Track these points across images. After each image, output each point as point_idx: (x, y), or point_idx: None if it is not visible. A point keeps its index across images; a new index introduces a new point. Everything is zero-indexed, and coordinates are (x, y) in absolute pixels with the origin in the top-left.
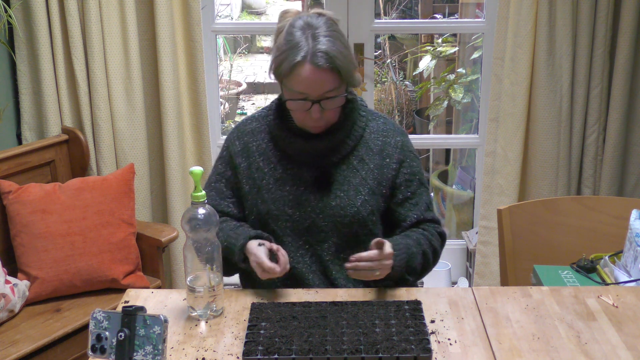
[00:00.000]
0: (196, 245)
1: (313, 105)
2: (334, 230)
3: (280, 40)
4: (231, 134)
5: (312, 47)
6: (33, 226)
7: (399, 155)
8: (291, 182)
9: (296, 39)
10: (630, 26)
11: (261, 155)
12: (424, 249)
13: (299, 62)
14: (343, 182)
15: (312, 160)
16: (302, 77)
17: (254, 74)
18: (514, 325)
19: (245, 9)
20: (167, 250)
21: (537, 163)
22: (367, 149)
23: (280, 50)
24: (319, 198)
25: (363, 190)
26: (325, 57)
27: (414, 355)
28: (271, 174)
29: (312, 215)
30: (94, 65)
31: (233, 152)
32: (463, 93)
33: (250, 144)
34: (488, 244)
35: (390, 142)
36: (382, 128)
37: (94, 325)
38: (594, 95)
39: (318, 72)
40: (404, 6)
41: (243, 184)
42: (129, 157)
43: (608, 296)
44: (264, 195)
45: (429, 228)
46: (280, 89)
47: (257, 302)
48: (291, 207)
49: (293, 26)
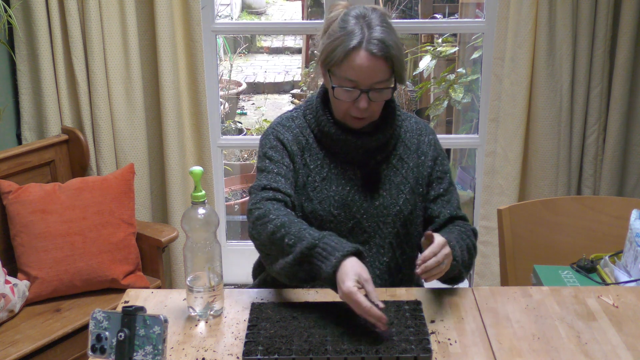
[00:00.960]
0: (196, 245)
1: (361, 95)
2: (376, 231)
3: (333, 28)
4: (275, 127)
5: (367, 34)
6: (33, 226)
7: (433, 152)
8: (336, 181)
9: (350, 26)
10: (630, 26)
11: (308, 151)
12: (467, 244)
13: (354, 48)
14: (385, 182)
15: (357, 159)
16: (356, 63)
17: (254, 74)
18: (514, 325)
19: (245, 9)
20: (167, 250)
21: (537, 163)
22: (404, 147)
23: (333, 37)
24: (363, 198)
25: (404, 189)
26: (381, 45)
27: (414, 355)
28: (317, 171)
29: (356, 215)
30: (94, 65)
31: (286, 140)
32: (463, 93)
33: (299, 137)
34: (488, 244)
35: (424, 140)
36: (415, 127)
37: (94, 325)
38: (594, 95)
39: (372, 60)
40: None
41: (298, 174)
42: (129, 157)
43: (608, 296)
44: (310, 194)
45: (463, 225)
46: (329, 79)
47: (257, 302)
48: (337, 207)
49: (348, 15)
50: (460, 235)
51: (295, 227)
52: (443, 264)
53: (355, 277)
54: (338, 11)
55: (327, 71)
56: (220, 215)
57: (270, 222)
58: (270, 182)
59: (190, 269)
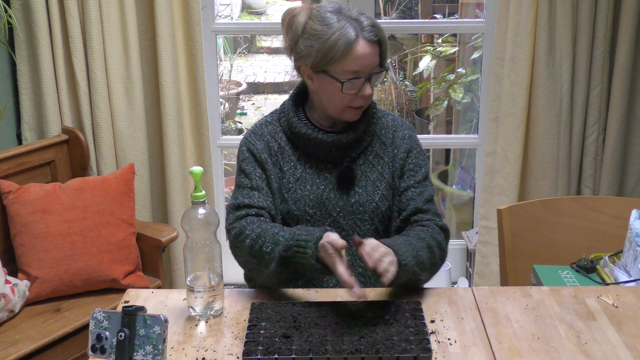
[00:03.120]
0: (196, 245)
1: (365, 83)
2: (354, 228)
3: (311, 28)
4: (248, 137)
5: (357, 24)
6: (33, 226)
7: (407, 145)
8: (311, 181)
9: (335, 21)
10: (630, 26)
11: (281, 154)
12: (428, 243)
13: (354, 40)
14: (361, 178)
15: (332, 157)
16: (359, 53)
17: (254, 74)
18: (514, 325)
19: (245, 9)
20: (167, 250)
21: (537, 163)
22: (380, 143)
23: (320, 37)
24: (339, 196)
25: (381, 185)
26: (375, 30)
27: (414, 355)
28: (291, 172)
29: (332, 214)
30: (94, 65)
31: (256, 150)
32: (463, 93)
33: (271, 143)
34: (488, 244)
35: (399, 134)
36: (391, 124)
37: (94, 325)
38: (594, 95)
39: (370, 46)
40: (404, 6)
41: (271, 180)
42: (129, 157)
43: (608, 296)
44: (284, 195)
45: (429, 222)
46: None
47: (257, 302)
48: (312, 206)
49: (322, 13)
50: (418, 235)
51: (269, 235)
52: (386, 259)
53: (330, 247)
54: (299, 17)
55: (320, 71)
56: (220, 215)
57: (247, 237)
58: (243, 199)
59: (190, 269)
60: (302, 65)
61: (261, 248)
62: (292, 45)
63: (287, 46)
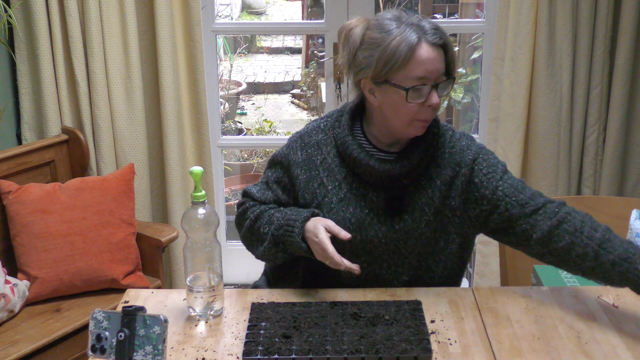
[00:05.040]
0: (196, 245)
1: (432, 91)
2: (395, 253)
3: (370, 37)
4: (294, 142)
5: (419, 28)
6: (33, 226)
7: (469, 155)
8: (355, 203)
9: (396, 29)
10: (630, 26)
11: (325, 170)
12: (604, 232)
13: (417, 43)
14: (409, 204)
15: (381, 183)
16: (423, 57)
17: (254, 74)
18: (514, 325)
19: (245, 9)
20: (167, 250)
21: (537, 163)
22: (435, 165)
23: (380, 44)
24: (382, 222)
25: (429, 210)
26: (439, 33)
27: (414, 355)
28: (335, 192)
29: (374, 240)
30: (94, 65)
31: (293, 161)
32: (463, 93)
33: (314, 156)
34: (488, 244)
35: (457, 150)
36: (447, 140)
37: (94, 325)
38: (594, 95)
39: (434, 51)
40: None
41: (300, 196)
42: (129, 157)
43: (608, 296)
44: (324, 214)
45: (573, 212)
46: (389, 87)
47: (257, 302)
48: (352, 230)
49: (381, 21)
50: (592, 235)
51: (266, 216)
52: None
53: (324, 229)
54: (356, 29)
55: (383, 82)
56: (220, 215)
57: (247, 218)
58: (256, 193)
59: (190, 269)
60: (363, 79)
61: (259, 228)
62: (350, 60)
63: (345, 62)
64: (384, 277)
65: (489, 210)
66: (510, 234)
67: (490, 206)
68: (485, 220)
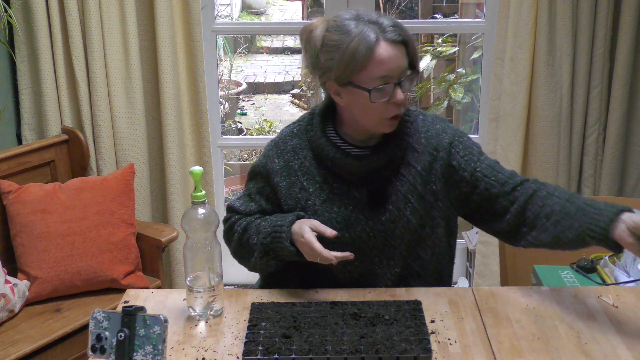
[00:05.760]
0: (196, 245)
1: (396, 87)
2: (384, 245)
3: (330, 39)
4: (270, 150)
5: (378, 27)
6: (33, 226)
7: (445, 139)
8: (339, 202)
9: (355, 29)
10: (630, 26)
11: (305, 174)
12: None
13: (375, 43)
14: (391, 194)
15: (362, 178)
16: (383, 57)
17: (254, 74)
18: (514, 325)
19: (245, 9)
20: (167, 250)
21: (537, 163)
22: (412, 151)
23: (340, 46)
24: (368, 216)
25: (412, 197)
26: (397, 29)
27: (414, 355)
28: (317, 194)
29: (362, 235)
30: (94, 65)
31: (272, 169)
32: (463, 93)
33: (292, 162)
34: (488, 244)
35: (432, 134)
36: (421, 125)
37: (94, 325)
38: (594, 95)
39: (394, 48)
40: (404, 6)
41: (283, 202)
42: (129, 157)
43: (608, 296)
44: (310, 217)
45: (534, 190)
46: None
47: (257, 302)
48: (340, 228)
49: (339, 22)
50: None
51: (253, 227)
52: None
53: (309, 228)
54: (316, 31)
55: (347, 84)
56: (220, 215)
57: (235, 232)
58: (240, 206)
59: (190, 269)
60: (327, 82)
61: (248, 240)
62: (313, 62)
63: (308, 64)
64: (376, 271)
65: (468, 191)
66: (490, 213)
67: (470, 187)
68: (466, 201)
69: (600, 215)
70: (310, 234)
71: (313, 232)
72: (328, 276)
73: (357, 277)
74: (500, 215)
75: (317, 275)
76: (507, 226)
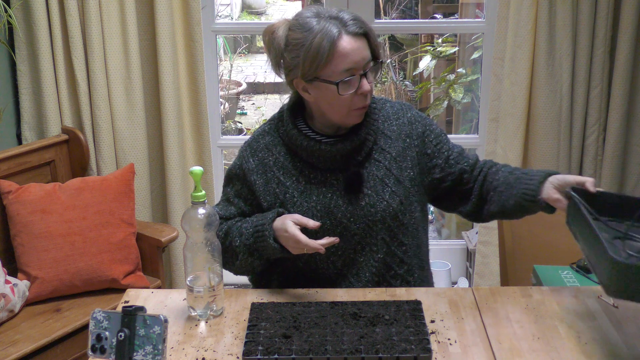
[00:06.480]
0: (196, 245)
1: (362, 79)
2: (366, 231)
3: (294, 38)
4: (244, 151)
5: (338, 21)
6: (33, 226)
7: (418, 128)
8: (317, 191)
9: (316, 25)
10: (630, 26)
11: (280, 169)
12: (514, 172)
13: (338, 37)
14: (368, 179)
15: (336, 165)
16: (346, 50)
17: (254, 74)
18: (514, 325)
19: (245, 9)
20: (167, 250)
21: (537, 163)
22: (384, 137)
23: (304, 44)
24: (348, 202)
25: (389, 181)
26: (357, 22)
27: (414, 355)
28: (294, 186)
29: (343, 221)
30: (94, 65)
31: (247, 169)
32: (463, 93)
33: (267, 159)
34: (488, 244)
35: (404, 121)
36: (391, 112)
37: (94, 325)
38: (594, 95)
39: (356, 40)
40: (404, 6)
41: (261, 200)
42: (129, 157)
43: (608, 296)
44: (290, 210)
45: (493, 167)
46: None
47: (257, 302)
48: (320, 217)
49: (300, 20)
50: (512, 174)
51: (235, 229)
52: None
53: (292, 222)
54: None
55: (313, 79)
56: None
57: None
58: (219, 211)
59: (190, 269)
60: (294, 79)
61: (230, 243)
62: (278, 62)
63: (273, 64)
64: (359, 259)
65: (441, 177)
66: (458, 196)
67: (444, 173)
68: (437, 187)
69: (532, 180)
70: (294, 227)
71: (296, 225)
72: (311, 270)
73: (340, 267)
74: (466, 197)
75: (299, 271)
76: (472, 206)
